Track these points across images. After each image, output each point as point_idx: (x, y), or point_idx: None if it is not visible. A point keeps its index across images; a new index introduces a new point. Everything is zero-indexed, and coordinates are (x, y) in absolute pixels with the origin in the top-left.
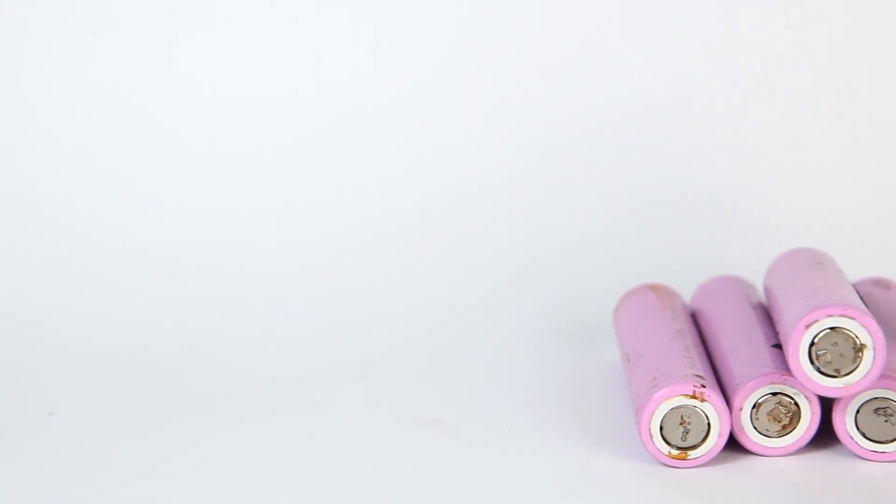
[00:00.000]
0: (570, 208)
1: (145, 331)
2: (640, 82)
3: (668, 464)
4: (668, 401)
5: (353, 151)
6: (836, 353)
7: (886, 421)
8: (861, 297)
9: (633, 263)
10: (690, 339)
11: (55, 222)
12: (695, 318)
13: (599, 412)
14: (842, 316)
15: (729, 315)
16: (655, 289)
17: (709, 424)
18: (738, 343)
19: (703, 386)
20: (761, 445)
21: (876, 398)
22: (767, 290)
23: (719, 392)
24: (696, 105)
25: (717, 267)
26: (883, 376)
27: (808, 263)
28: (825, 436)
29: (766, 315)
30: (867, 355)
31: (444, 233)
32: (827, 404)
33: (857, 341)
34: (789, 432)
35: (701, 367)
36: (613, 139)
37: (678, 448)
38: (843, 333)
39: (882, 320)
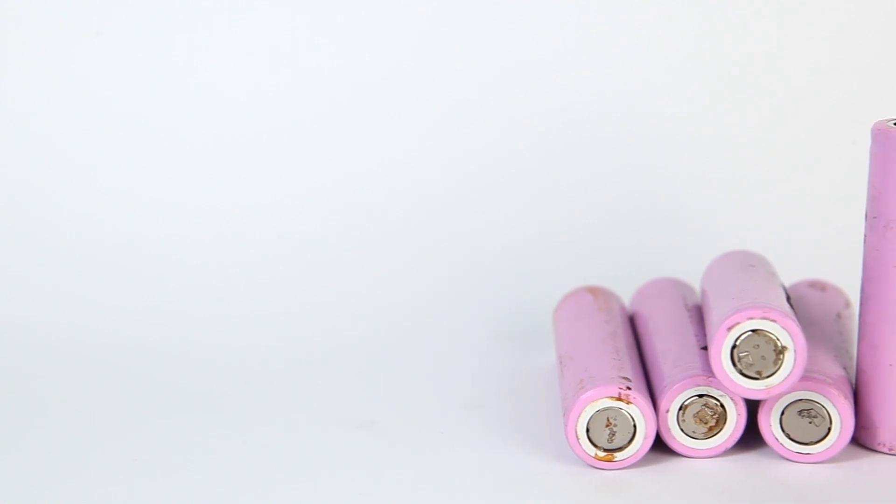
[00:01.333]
0: (514, 210)
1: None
2: (583, 90)
3: (595, 465)
4: (594, 403)
5: (292, 154)
6: (757, 356)
7: (811, 423)
8: (789, 300)
9: (579, 266)
10: (623, 341)
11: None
12: (633, 321)
13: (534, 414)
14: (763, 318)
15: (663, 317)
16: (593, 291)
17: (635, 426)
18: (670, 345)
19: (629, 388)
20: (688, 447)
21: (800, 400)
22: (702, 292)
23: (646, 394)
24: (641, 111)
25: (662, 269)
26: (807, 378)
27: (741, 266)
28: (752, 437)
29: (701, 317)
30: (788, 357)
31: (384, 234)
32: (753, 406)
33: (779, 343)
34: (716, 434)
35: (630, 370)
36: (557, 144)
37: (605, 450)
38: (765, 336)
39: (813, 322)
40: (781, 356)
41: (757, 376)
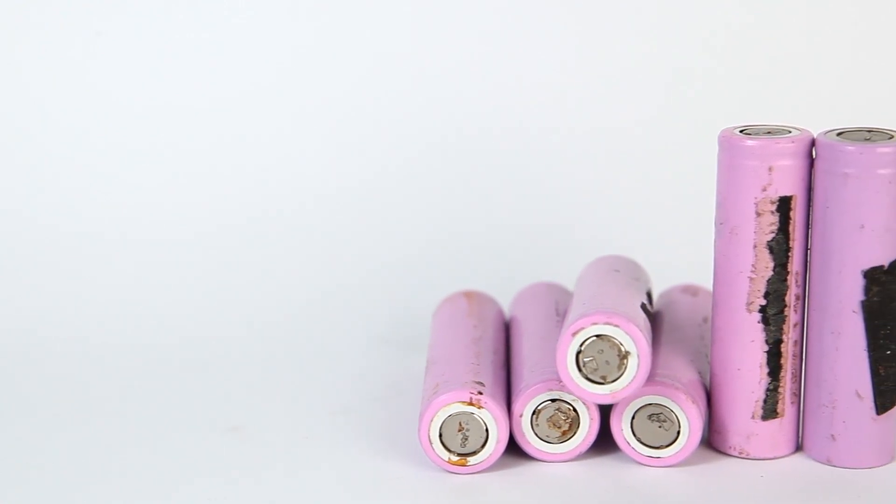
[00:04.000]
0: (400, 214)
1: None
2: (466, 101)
3: (449, 470)
4: (446, 407)
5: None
6: (602, 361)
7: (660, 427)
8: (646, 306)
9: (466, 270)
10: (489, 345)
11: None
12: (509, 325)
13: (399, 419)
14: (606, 324)
15: (532, 321)
16: (469, 296)
17: (487, 431)
18: (532, 349)
19: (481, 393)
20: (542, 451)
21: (650, 404)
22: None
23: (500, 399)
24: (523, 119)
25: (551, 274)
26: (656, 383)
27: (604, 271)
28: (607, 442)
29: None
30: (632, 363)
31: (261, 235)
32: (606, 410)
33: (622, 349)
34: (569, 438)
35: (488, 374)
36: (446, 152)
37: (458, 454)
38: (609, 341)
39: (677, 327)
40: (625, 361)
41: (602, 381)
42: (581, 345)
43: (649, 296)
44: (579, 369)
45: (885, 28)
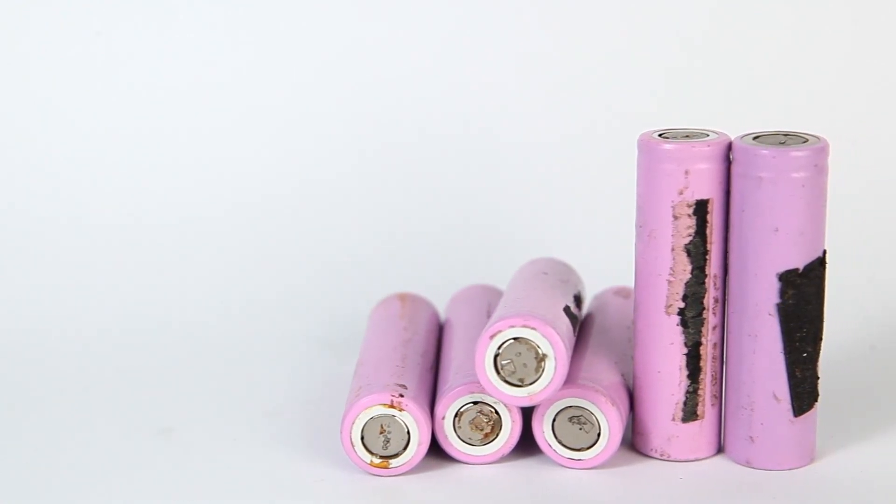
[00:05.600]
0: (340, 216)
1: None
2: (403, 103)
3: (371, 472)
4: (368, 410)
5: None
6: (519, 363)
7: (581, 429)
8: (569, 309)
9: (406, 272)
10: (417, 348)
11: None
12: (444, 327)
13: (330, 421)
14: (523, 326)
15: (464, 323)
16: (403, 298)
17: (409, 433)
18: (459, 352)
19: (402, 395)
20: (465, 453)
21: (570, 407)
22: None
23: (423, 402)
24: (461, 121)
25: (490, 276)
26: (576, 385)
27: (534, 273)
28: (530, 444)
29: None
30: (549, 365)
31: (199, 235)
32: (528, 413)
33: (539, 351)
34: (492, 441)
35: (413, 377)
36: (387, 155)
37: (380, 457)
38: (526, 343)
39: (605, 329)
40: (543, 364)
41: (519, 384)
42: (499, 347)
43: (578, 298)
44: (497, 372)
45: (808, 32)
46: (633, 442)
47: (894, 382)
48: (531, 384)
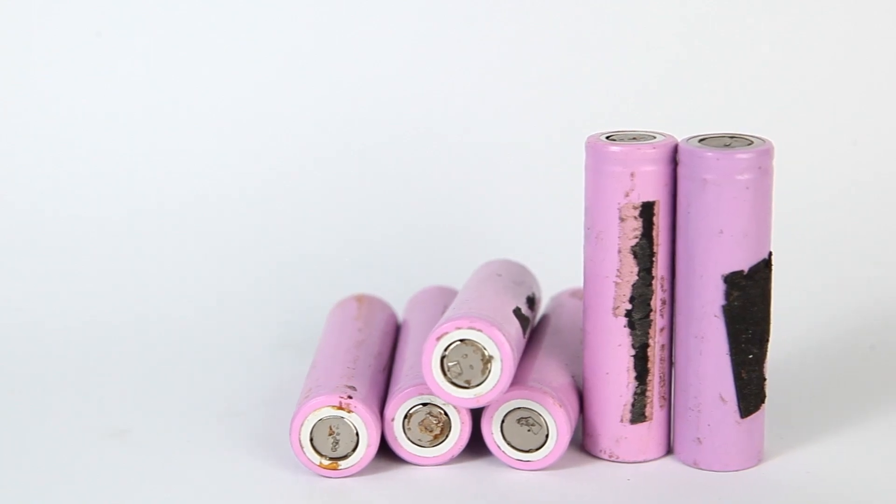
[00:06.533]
0: (301, 217)
1: None
2: (361, 104)
3: (321, 474)
4: (316, 412)
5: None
6: (466, 365)
7: (529, 430)
8: (520, 310)
9: (367, 273)
10: (371, 349)
11: None
12: (401, 329)
13: (286, 422)
14: (469, 328)
15: (419, 325)
16: (360, 299)
17: (357, 435)
18: (411, 353)
19: (350, 397)
20: (415, 455)
21: (519, 408)
22: None
23: (372, 403)
24: (428, 125)
25: (451, 277)
26: (524, 387)
27: (487, 275)
28: (480, 445)
29: None
30: (495, 367)
31: (159, 235)
32: (478, 414)
33: (486, 353)
34: (441, 442)
35: (364, 379)
36: (349, 156)
37: (329, 458)
38: (473, 345)
39: (558, 331)
40: (489, 366)
41: (466, 385)
42: (445, 349)
43: (531, 300)
44: (444, 373)
45: (757, 35)
46: (584, 443)
47: (842, 384)
48: (478, 386)
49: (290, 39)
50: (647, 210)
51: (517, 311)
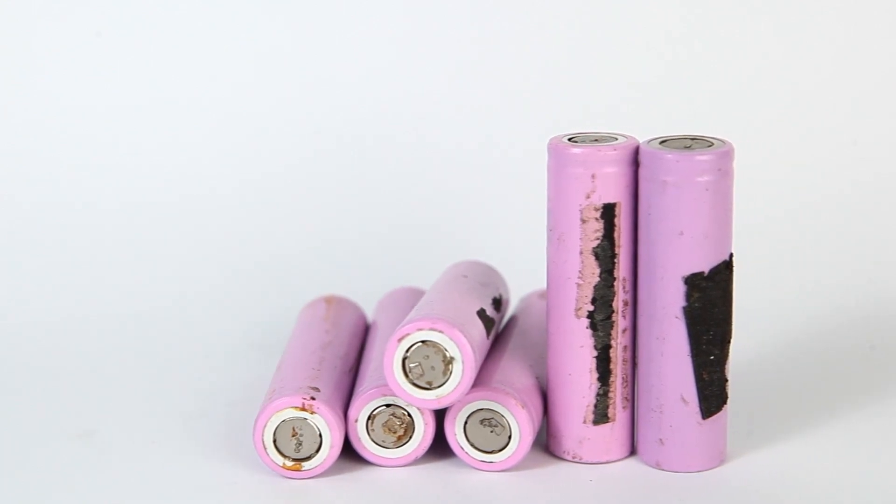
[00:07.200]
0: (274, 217)
1: None
2: (330, 105)
3: (284, 475)
4: (279, 413)
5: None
6: (427, 366)
7: (492, 431)
8: (484, 312)
9: (340, 274)
10: (337, 351)
11: None
12: (370, 330)
13: (251, 424)
14: (431, 329)
15: (387, 326)
16: (329, 301)
17: (321, 436)
18: (378, 354)
19: (313, 398)
20: (378, 456)
21: (481, 409)
22: None
23: (335, 404)
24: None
25: (424, 279)
26: (486, 388)
27: (453, 276)
28: (444, 446)
29: None
30: (456, 368)
31: (130, 235)
32: (441, 415)
33: (447, 354)
34: (405, 443)
35: (328, 380)
36: (321, 157)
37: (293, 459)
38: (434, 346)
39: (523, 332)
40: (450, 367)
41: (428, 386)
42: (407, 350)
43: (497, 301)
44: (406, 375)
45: (720, 38)
46: (548, 444)
47: (806, 385)
48: (439, 387)
49: (265, 42)
50: (608, 212)
51: (481, 313)
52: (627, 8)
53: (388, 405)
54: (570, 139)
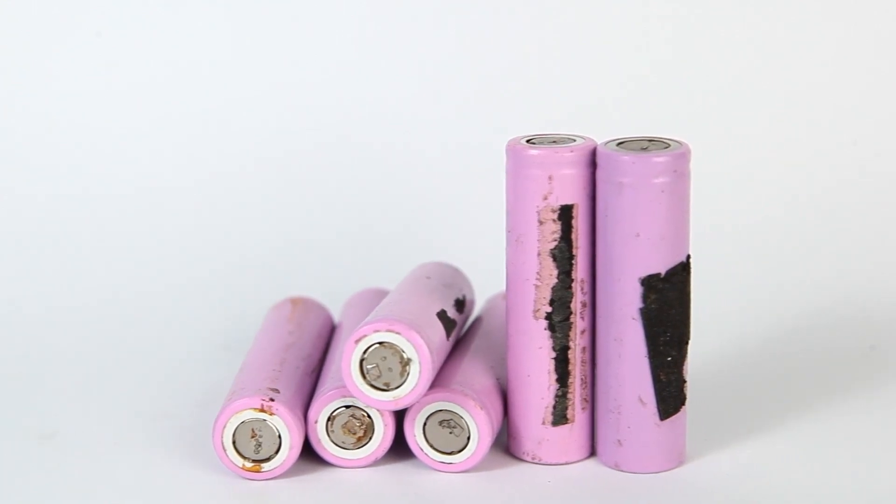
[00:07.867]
0: (243, 218)
1: None
2: (301, 106)
3: (244, 476)
4: (238, 414)
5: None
6: (384, 367)
7: (451, 433)
8: (445, 313)
9: (310, 275)
10: (299, 352)
11: None
12: (335, 331)
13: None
14: (388, 331)
15: (349, 328)
16: (295, 302)
17: (280, 437)
18: (339, 356)
19: (272, 400)
20: (338, 457)
21: (440, 410)
22: None
23: (295, 405)
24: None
25: (392, 280)
26: (445, 389)
27: (416, 277)
28: (405, 447)
29: None
30: (413, 369)
31: (98, 234)
32: (401, 417)
33: (404, 356)
34: (365, 444)
35: (289, 381)
36: (292, 159)
37: (252, 460)
38: (391, 348)
39: (486, 333)
40: (407, 368)
41: (385, 388)
42: (364, 352)
43: (460, 302)
44: (363, 376)
45: (682, 39)
46: (508, 445)
47: (763, 386)
48: (396, 388)
49: (218, 44)
50: (565, 213)
51: (442, 314)
52: (593, 8)
53: (347, 406)
54: (528, 140)
